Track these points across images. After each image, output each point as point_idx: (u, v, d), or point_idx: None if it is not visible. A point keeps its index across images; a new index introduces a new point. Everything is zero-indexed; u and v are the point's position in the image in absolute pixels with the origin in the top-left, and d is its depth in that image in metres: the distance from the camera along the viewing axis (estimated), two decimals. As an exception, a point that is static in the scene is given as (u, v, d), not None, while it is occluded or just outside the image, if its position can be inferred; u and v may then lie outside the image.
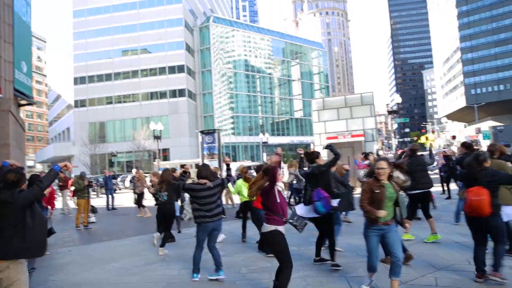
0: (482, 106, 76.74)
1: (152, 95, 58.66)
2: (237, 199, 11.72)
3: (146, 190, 11.46)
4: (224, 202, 12.87)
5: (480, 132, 52.07)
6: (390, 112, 25.28)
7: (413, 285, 4.75)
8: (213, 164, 24.94)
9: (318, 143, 22.48)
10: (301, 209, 5.77)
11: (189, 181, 6.36)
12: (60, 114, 71.04)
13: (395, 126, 25.71)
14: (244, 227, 8.04)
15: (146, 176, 15.06)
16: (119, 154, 50.45)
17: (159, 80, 57.90)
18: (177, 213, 9.66)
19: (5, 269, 3.29)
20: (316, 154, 6.13)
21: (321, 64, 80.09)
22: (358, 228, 8.33)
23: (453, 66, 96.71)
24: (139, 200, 13.71)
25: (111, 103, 59.01)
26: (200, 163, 24.57)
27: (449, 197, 11.84)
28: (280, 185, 4.40)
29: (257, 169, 7.11)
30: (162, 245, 7.32)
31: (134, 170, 18.25)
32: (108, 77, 58.97)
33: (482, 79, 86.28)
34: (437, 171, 14.34)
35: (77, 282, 5.80)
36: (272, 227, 4.22)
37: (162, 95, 58.27)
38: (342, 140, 21.27)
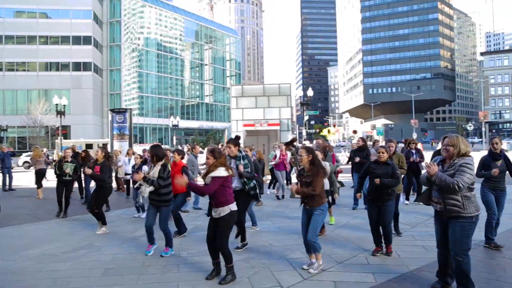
0: (378, 105, 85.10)
1: (51, 66, 53.04)
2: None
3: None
4: None
5: (375, 129, 57.64)
6: (302, 104, 26.56)
7: (348, 265, 5.16)
8: (123, 145, 23.77)
9: (235, 129, 22.74)
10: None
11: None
12: None
13: (306, 117, 27.18)
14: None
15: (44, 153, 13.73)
16: (9, 128, 44.80)
17: (61, 50, 52.50)
18: None
19: None
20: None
21: (233, 51, 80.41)
22: (290, 212, 8.75)
23: (354, 66, 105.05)
24: (39, 180, 12.56)
25: (0, 69, 51.92)
26: (108, 143, 23.21)
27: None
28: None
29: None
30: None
31: (45, 149, 16.44)
32: (-3, 39, 51.62)
33: (378, 81, 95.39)
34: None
35: (-8, 271, 5.11)
36: None
37: (64, 67, 53.08)
38: (258, 128, 21.82)
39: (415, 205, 9.01)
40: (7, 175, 14.21)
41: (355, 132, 61.25)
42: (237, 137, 6.31)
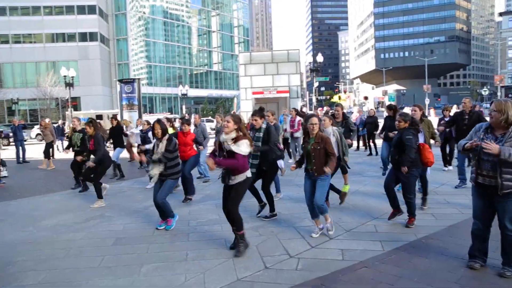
0: (390, 70, 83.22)
1: (58, 37, 52.63)
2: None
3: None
4: None
5: (387, 95, 56.74)
6: (312, 70, 26.13)
7: (356, 233, 5.19)
8: (133, 115, 23.85)
9: (244, 97, 22.61)
10: None
11: None
12: None
13: (316, 84, 26.66)
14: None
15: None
16: (20, 101, 45.18)
17: (66, 21, 51.90)
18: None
19: None
20: None
21: (241, 17, 78.55)
22: (299, 180, 8.76)
23: (366, 30, 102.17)
24: (47, 151, 12.81)
25: (7, 42, 51.68)
26: (118, 114, 23.31)
27: (370, 154, 12.91)
28: None
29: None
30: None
31: (60, 121, 16.75)
32: (1, 11, 51.09)
33: (390, 45, 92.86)
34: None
35: (9, 242, 5.28)
36: None
37: (70, 37, 52.65)
38: (267, 96, 21.67)
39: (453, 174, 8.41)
40: (20, 148, 14.45)
41: (366, 98, 60.36)
42: (262, 109, 6.25)
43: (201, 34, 70.80)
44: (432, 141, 6.76)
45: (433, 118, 19.53)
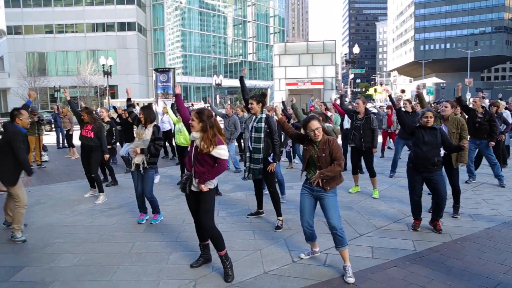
0: (429, 62, 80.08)
1: (97, 27, 54.26)
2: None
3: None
4: None
5: (425, 88, 54.74)
6: (348, 62, 25.54)
7: (387, 230, 5.05)
8: (168, 104, 24.28)
9: (277, 88, 22.47)
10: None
11: None
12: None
13: (351, 76, 26.01)
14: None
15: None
16: (62, 89, 47.07)
17: (106, 11, 53.40)
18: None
19: None
20: None
21: (277, 6, 77.80)
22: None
23: (405, 20, 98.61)
24: (68, 139, 13.10)
25: (51, 32, 53.85)
26: (153, 103, 23.76)
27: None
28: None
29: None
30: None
31: (99, 109, 17.23)
32: (46, 2, 53.16)
33: (431, 36, 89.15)
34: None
35: (47, 224, 5.52)
36: None
37: (109, 27, 54.13)
38: (301, 87, 21.44)
39: (462, 172, 8.37)
40: (60, 134, 15.07)
41: (403, 91, 58.41)
42: (263, 94, 5.58)
43: (236, 24, 70.86)
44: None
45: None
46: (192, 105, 18.46)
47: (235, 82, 65.57)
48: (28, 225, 5.37)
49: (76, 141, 13.20)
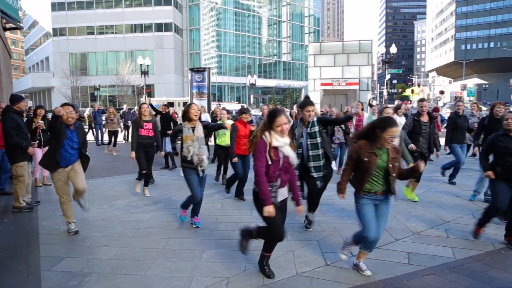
0: (470, 62, 76.78)
1: (136, 28, 55.93)
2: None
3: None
4: None
5: (465, 89, 52.57)
6: (384, 62, 24.96)
7: (425, 236, 4.87)
8: (202, 103, 24.64)
9: (312, 88, 22.26)
10: None
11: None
12: (37, 42, 67.24)
13: (388, 76, 25.29)
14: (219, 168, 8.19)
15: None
16: (101, 88, 48.98)
17: (144, 12, 54.95)
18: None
19: None
20: None
21: (312, 6, 77.11)
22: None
23: (446, 18, 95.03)
24: (112, 137, 13.45)
25: (92, 33, 56.10)
26: (188, 102, 24.25)
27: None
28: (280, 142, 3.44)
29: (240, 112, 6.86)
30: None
31: (125, 106, 17.67)
32: (89, 4, 55.46)
33: (473, 35, 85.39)
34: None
35: (85, 218, 5.73)
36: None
37: (147, 28, 55.64)
38: (336, 87, 21.13)
39: None
40: (99, 131, 15.65)
41: (442, 92, 56.39)
42: (307, 97, 5.26)
43: (271, 24, 70.84)
44: None
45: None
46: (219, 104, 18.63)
47: (269, 82, 65.68)
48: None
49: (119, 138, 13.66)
